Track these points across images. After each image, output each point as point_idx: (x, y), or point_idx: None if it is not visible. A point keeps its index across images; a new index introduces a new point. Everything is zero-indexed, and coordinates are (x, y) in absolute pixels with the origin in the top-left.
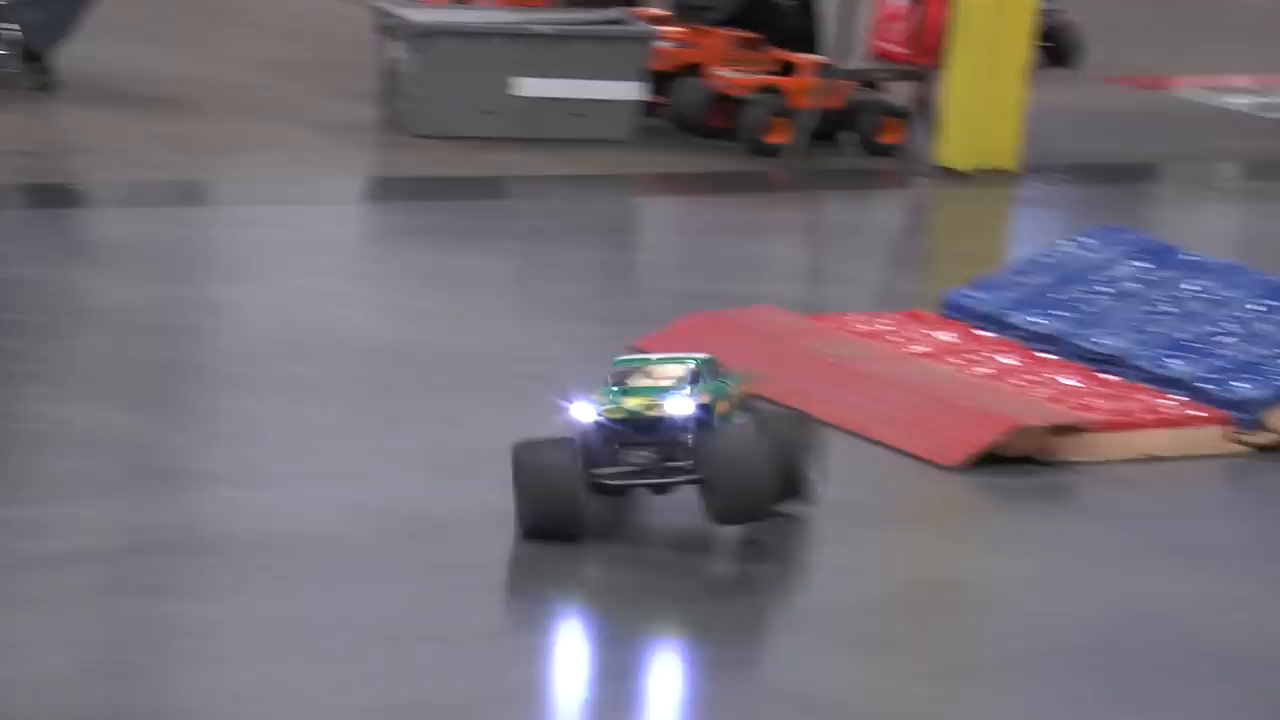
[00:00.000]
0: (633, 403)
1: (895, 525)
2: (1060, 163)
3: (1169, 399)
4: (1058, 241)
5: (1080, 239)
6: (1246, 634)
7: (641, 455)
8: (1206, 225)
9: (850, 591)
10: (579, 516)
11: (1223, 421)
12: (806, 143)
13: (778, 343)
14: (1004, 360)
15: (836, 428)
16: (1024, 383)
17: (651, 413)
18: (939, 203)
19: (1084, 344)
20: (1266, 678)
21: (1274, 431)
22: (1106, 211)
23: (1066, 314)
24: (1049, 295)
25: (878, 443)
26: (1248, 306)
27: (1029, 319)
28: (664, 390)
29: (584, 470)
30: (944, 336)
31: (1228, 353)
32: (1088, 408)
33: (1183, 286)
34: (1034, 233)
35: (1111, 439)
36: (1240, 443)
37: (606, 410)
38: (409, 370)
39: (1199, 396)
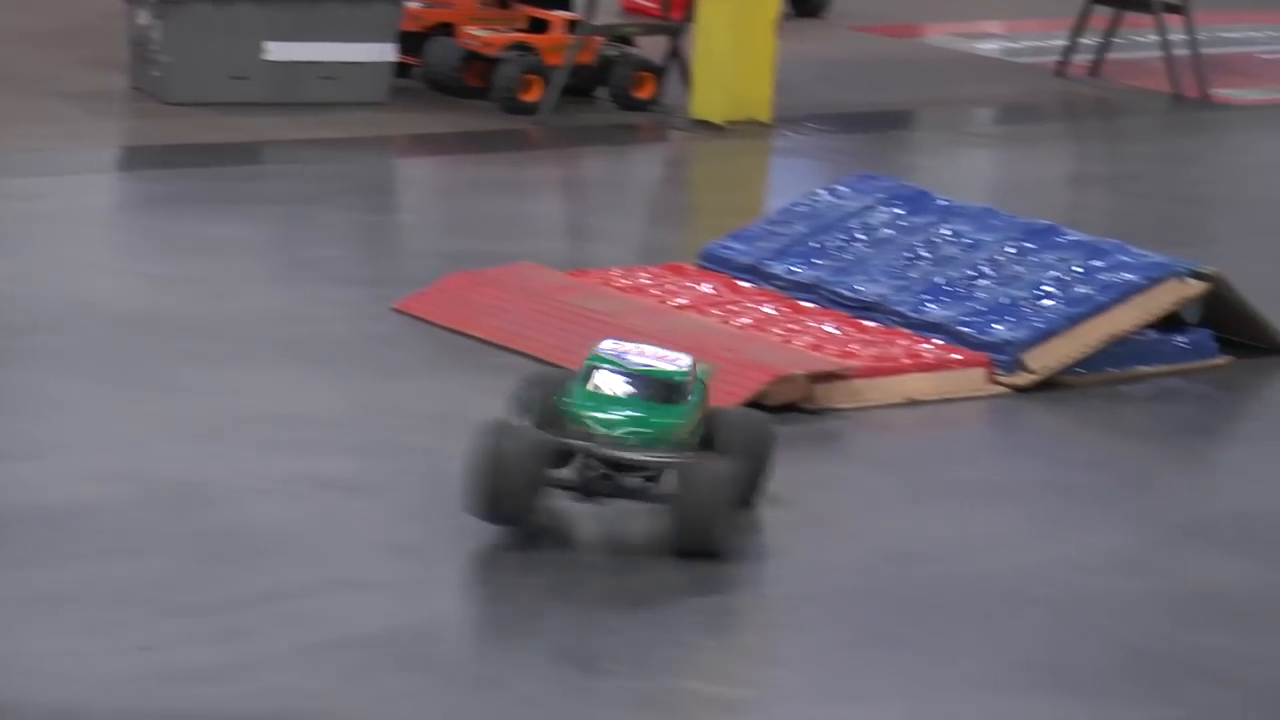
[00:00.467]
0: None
1: None
2: (814, 112)
3: (929, 343)
4: (814, 191)
5: (835, 187)
6: (1009, 573)
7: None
8: (961, 170)
9: None
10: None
11: (982, 364)
12: (559, 99)
13: (539, 300)
14: (765, 310)
15: None
16: (785, 332)
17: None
18: (695, 156)
19: (843, 291)
20: (1028, 615)
21: (1032, 372)
22: (861, 159)
23: (824, 262)
24: (807, 244)
25: None
26: (1004, 249)
27: (788, 268)
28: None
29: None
30: (704, 288)
31: (984, 295)
32: (849, 354)
33: (938, 231)
34: (790, 183)
35: (873, 385)
36: (999, 384)
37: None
38: (170, 338)
39: (958, 340)
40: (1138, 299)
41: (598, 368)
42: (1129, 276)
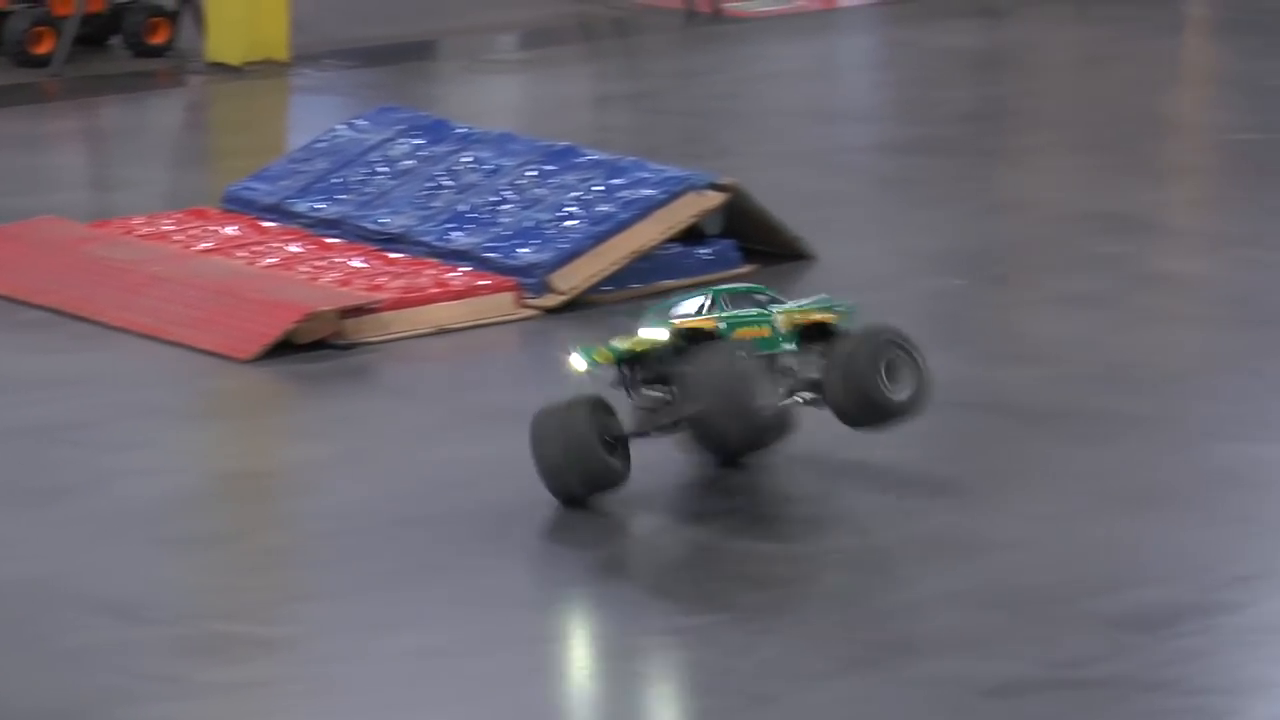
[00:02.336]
0: (620, 343)
1: (198, 422)
2: (333, 49)
3: (456, 271)
4: (333, 126)
5: (354, 122)
6: (542, 493)
7: (652, 395)
8: (483, 97)
9: (156, 491)
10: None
11: (510, 288)
12: (72, 50)
13: (61, 253)
14: (291, 249)
15: (129, 332)
16: (312, 269)
17: (633, 347)
18: (215, 99)
19: (368, 225)
20: (566, 533)
21: (560, 293)
22: (383, 93)
23: (348, 197)
24: (329, 180)
25: (172, 343)
26: (526, 173)
27: (312, 205)
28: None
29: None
30: (229, 231)
31: (508, 220)
32: (377, 287)
33: (459, 159)
34: (312, 121)
35: (402, 315)
36: (529, 307)
37: (598, 355)
38: None
39: (485, 266)
40: (659, 214)
41: None
42: (649, 192)
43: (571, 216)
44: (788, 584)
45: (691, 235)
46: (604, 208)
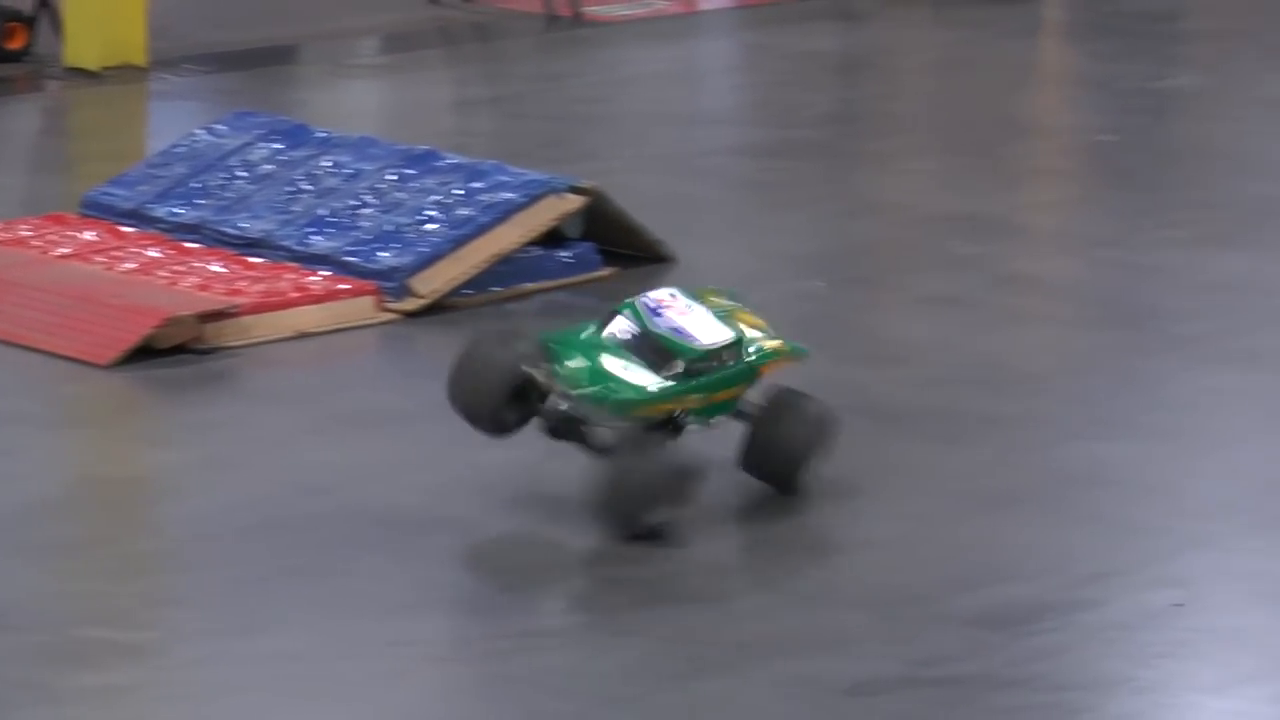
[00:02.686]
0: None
1: (58, 429)
2: (191, 53)
3: (316, 275)
4: (192, 131)
5: (213, 126)
6: (407, 496)
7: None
8: (344, 102)
9: (17, 498)
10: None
11: (370, 292)
12: None
13: None
14: (150, 254)
15: None
16: (171, 274)
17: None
18: (72, 104)
19: (228, 230)
20: (429, 536)
21: (420, 297)
22: (242, 98)
23: (207, 202)
24: (188, 185)
25: (30, 349)
26: (386, 177)
27: (170, 210)
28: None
29: None
30: (88, 236)
31: (369, 224)
32: (237, 292)
33: (319, 163)
34: (171, 126)
35: (263, 320)
36: (389, 311)
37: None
38: None
39: (345, 270)
40: (519, 217)
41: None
42: (509, 195)
43: (431, 220)
44: (649, 585)
45: (552, 238)
46: (464, 211)
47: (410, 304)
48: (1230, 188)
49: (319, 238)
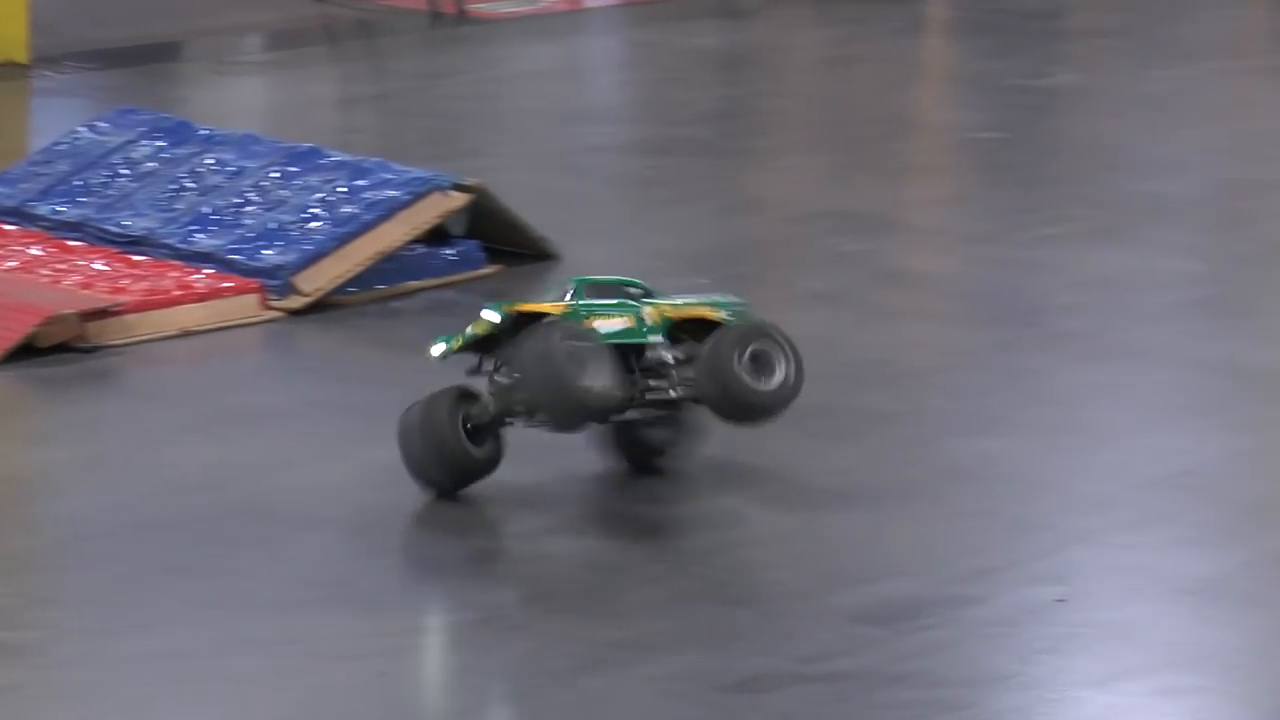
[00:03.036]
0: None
1: None
2: (74, 50)
3: (200, 273)
4: (74, 129)
5: (95, 124)
6: (291, 494)
7: (500, 381)
8: (228, 99)
9: None
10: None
11: (254, 290)
12: None
13: None
14: (32, 252)
15: None
16: (54, 272)
17: (476, 331)
18: None
19: (111, 227)
20: (312, 534)
21: (304, 294)
22: (126, 95)
23: (90, 199)
24: (70, 183)
25: None
26: (270, 175)
27: (53, 208)
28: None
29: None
30: None
31: (252, 222)
32: (120, 290)
33: (202, 161)
34: (54, 123)
35: (146, 318)
36: (273, 308)
37: (455, 343)
38: None
39: (229, 268)
40: (403, 214)
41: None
42: (393, 193)
43: (316, 218)
44: (534, 583)
45: (436, 236)
46: (348, 209)
47: (294, 302)
48: (1110, 184)
49: (202, 235)
